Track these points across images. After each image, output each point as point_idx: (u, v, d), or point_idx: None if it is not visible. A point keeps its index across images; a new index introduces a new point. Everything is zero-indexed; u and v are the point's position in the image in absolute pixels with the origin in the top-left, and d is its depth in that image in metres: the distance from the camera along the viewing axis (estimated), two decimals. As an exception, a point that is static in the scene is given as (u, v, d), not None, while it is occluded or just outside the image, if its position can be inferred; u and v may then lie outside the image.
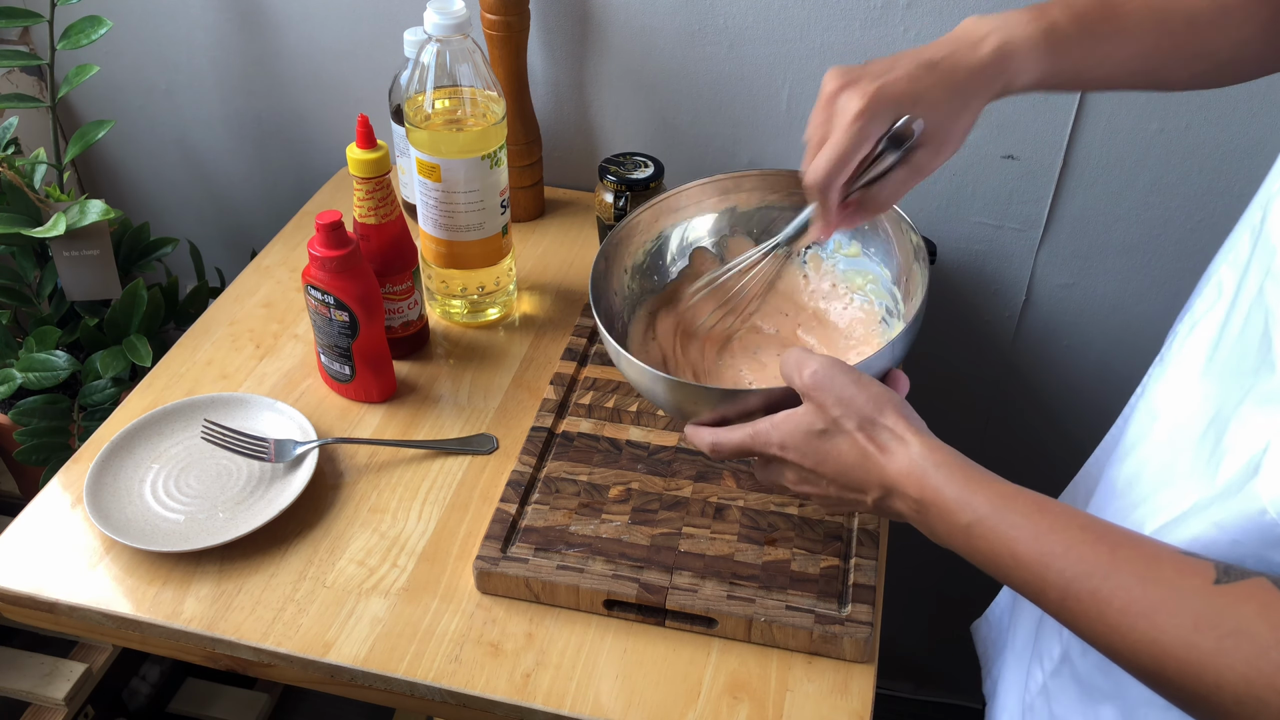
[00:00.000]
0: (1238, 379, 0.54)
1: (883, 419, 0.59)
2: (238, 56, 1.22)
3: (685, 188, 0.82)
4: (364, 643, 0.72)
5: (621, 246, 0.81)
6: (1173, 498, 0.56)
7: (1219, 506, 0.51)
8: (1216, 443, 0.53)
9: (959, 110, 0.63)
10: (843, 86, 0.63)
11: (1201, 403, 0.57)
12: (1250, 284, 0.56)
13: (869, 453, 0.58)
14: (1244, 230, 0.60)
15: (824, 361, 0.60)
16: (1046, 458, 1.28)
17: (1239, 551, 0.49)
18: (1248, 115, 0.99)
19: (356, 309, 0.84)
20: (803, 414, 0.61)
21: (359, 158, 0.85)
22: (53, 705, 1.19)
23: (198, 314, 1.03)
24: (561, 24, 1.09)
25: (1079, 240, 1.10)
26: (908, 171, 0.65)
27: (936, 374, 1.23)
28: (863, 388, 0.60)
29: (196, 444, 0.85)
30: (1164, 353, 0.67)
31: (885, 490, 0.58)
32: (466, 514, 0.81)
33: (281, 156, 1.29)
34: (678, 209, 0.83)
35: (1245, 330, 0.55)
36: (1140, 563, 0.48)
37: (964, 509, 0.54)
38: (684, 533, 0.77)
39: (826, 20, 1.02)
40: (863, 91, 0.61)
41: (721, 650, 0.72)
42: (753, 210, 0.83)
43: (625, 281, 0.82)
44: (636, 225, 0.82)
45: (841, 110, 0.62)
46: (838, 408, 0.59)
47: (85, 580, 0.77)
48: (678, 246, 0.84)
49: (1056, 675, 0.67)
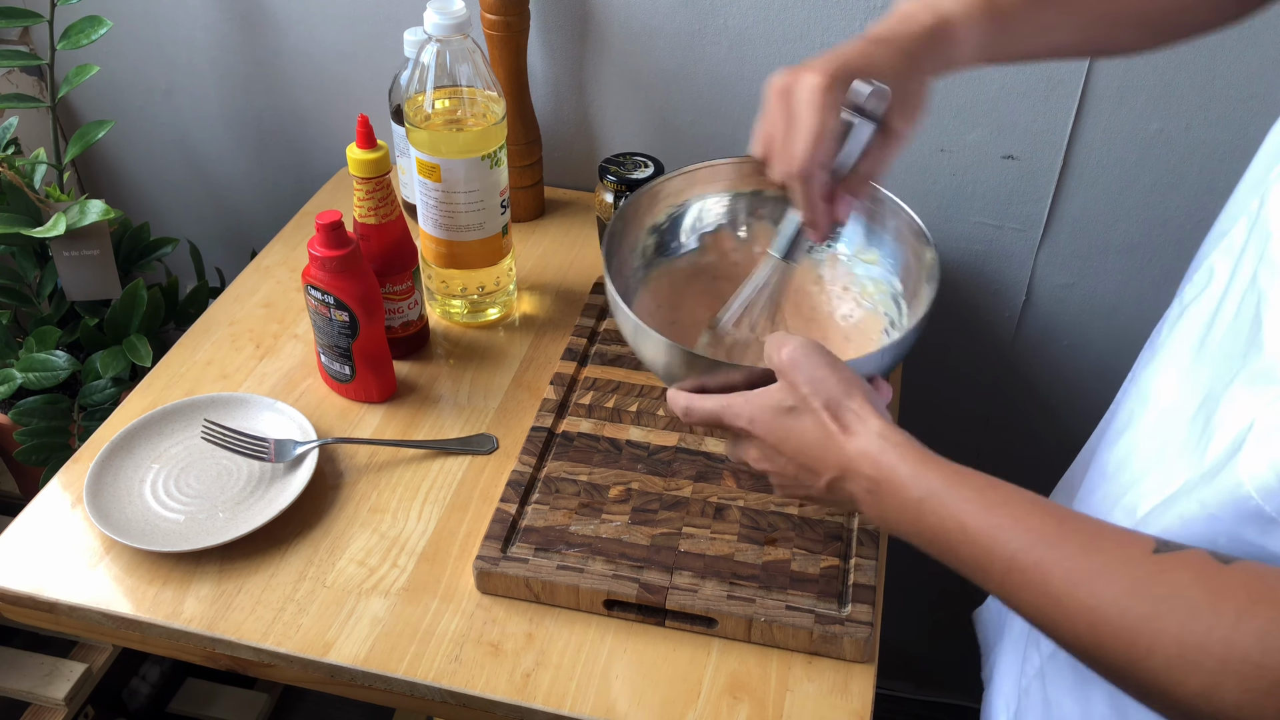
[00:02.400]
0: (1228, 362, 0.54)
1: (849, 402, 0.59)
2: (238, 56, 1.22)
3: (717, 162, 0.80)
4: (364, 643, 0.72)
5: (644, 208, 0.80)
6: (1162, 479, 0.56)
7: (1205, 485, 0.51)
8: (1206, 424, 0.54)
9: (911, 75, 0.63)
10: (792, 76, 0.62)
11: (1192, 386, 0.57)
12: (1244, 270, 0.56)
13: (831, 431, 0.59)
14: (1237, 216, 0.60)
15: (802, 342, 0.61)
16: (1046, 457, 1.28)
17: (1215, 528, 0.49)
18: (1247, 115, 0.99)
19: (356, 309, 0.84)
20: (774, 390, 0.61)
21: (359, 158, 0.85)
22: (53, 705, 1.19)
23: (198, 314, 1.03)
24: (561, 24, 1.09)
25: (1079, 240, 1.10)
26: (883, 141, 0.64)
27: (936, 373, 1.23)
28: (835, 370, 0.60)
29: (196, 444, 0.85)
30: (1154, 338, 0.67)
31: (841, 470, 0.59)
32: (466, 514, 0.81)
33: (281, 156, 1.29)
34: (707, 181, 0.81)
35: (1238, 315, 0.55)
36: (1084, 535, 0.49)
37: (917, 484, 0.55)
38: (684, 533, 0.77)
39: (826, 20, 1.02)
40: (817, 69, 0.61)
41: (721, 650, 0.72)
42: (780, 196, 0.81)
43: (642, 239, 0.80)
44: (665, 189, 0.80)
45: (800, 90, 0.61)
46: (808, 386, 0.59)
47: (85, 580, 0.77)
48: (695, 219, 0.82)
49: (1054, 658, 0.68)
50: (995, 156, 1.07)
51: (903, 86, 0.63)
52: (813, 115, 0.61)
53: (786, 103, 0.62)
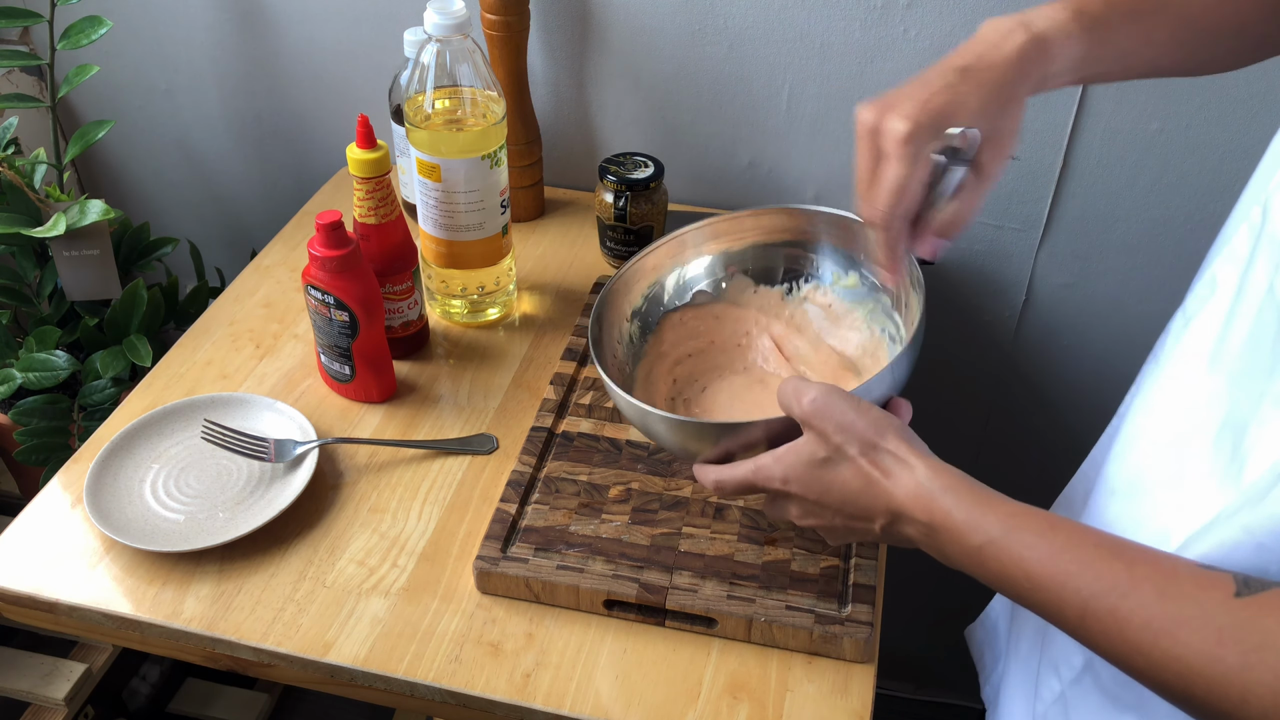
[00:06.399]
0: (1251, 379, 0.53)
1: (885, 443, 0.57)
2: (238, 56, 1.22)
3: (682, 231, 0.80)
4: (364, 643, 0.72)
5: (620, 294, 0.79)
6: (1188, 502, 0.55)
7: (1247, 512, 0.50)
8: (1236, 446, 0.52)
9: (1003, 107, 0.61)
10: (881, 115, 0.61)
11: (1209, 402, 0.56)
12: (1256, 280, 0.55)
13: (873, 478, 0.57)
14: (1239, 225, 0.59)
15: (822, 388, 0.59)
16: (1047, 457, 1.28)
17: (1265, 556, 0.49)
18: (1248, 115, 0.99)
19: (356, 309, 0.84)
20: (804, 444, 0.60)
21: (359, 158, 0.85)
22: (53, 705, 1.20)
23: (198, 314, 1.03)
24: (561, 24, 1.09)
25: (1079, 240, 1.10)
26: (975, 180, 0.63)
27: (937, 374, 1.23)
28: (862, 413, 0.58)
29: (196, 444, 0.85)
30: (1158, 351, 0.66)
31: (893, 516, 0.57)
32: (466, 514, 0.81)
33: (281, 156, 1.29)
34: (677, 253, 0.81)
35: (1256, 329, 0.54)
36: (1158, 578, 0.48)
37: (975, 531, 0.53)
38: (684, 533, 0.77)
39: (827, 20, 1.02)
40: (904, 113, 0.59)
41: (721, 650, 0.72)
42: (747, 249, 0.81)
43: (626, 329, 0.80)
44: (639, 270, 0.80)
45: (888, 137, 0.60)
46: (839, 434, 0.58)
47: (85, 580, 0.77)
48: (674, 288, 0.82)
49: (1077, 684, 0.66)
50: (995, 156, 1.07)
51: (992, 123, 0.61)
52: (898, 166, 0.60)
53: (873, 144, 0.61)
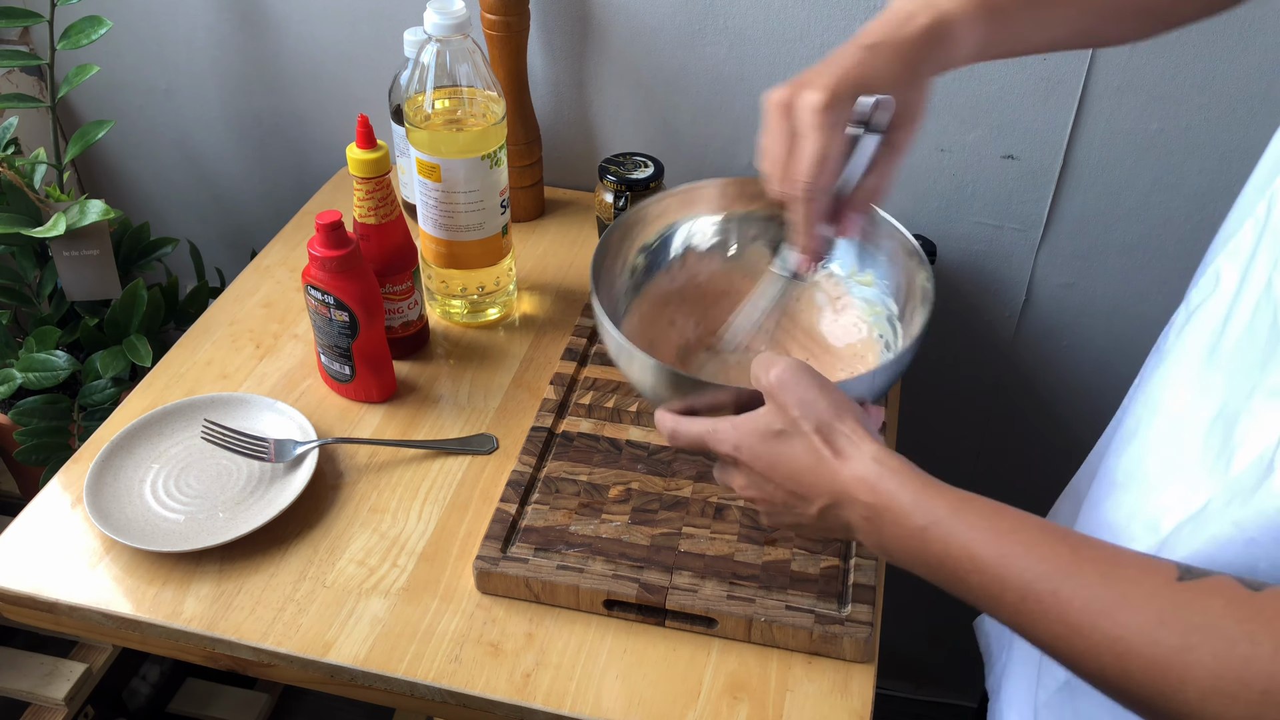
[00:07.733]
0: (1245, 372, 0.53)
1: (841, 425, 0.57)
2: (238, 56, 1.22)
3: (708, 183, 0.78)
4: (364, 643, 0.72)
5: (636, 227, 0.78)
6: (1180, 493, 0.55)
7: (1237, 505, 0.50)
8: (1226, 437, 0.53)
9: (912, 82, 0.61)
10: (792, 92, 0.60)
11: (1205, 395, 0.56)
12: (1256, 275, 0.55)
13: (823, 456, 0.57)
14: (1243, 220, 0.59)
15: (792, 363, 0.59)
16: (1047, 457, 1.28)
17: (1255, 551, 0.48)
18: (1247, 115, 0.99)
19: (356, 309, 0.84)
20: (763, 414, 0.59)
21: (359, 158, 0.85)
22: (53, 705, 1.19)
23: (198, 314, 1.03)
24: (561, 24, 1.09)
25: (1079, 240, 1.10)
26: (887, 154, 0.63)
27: (937, 373, 1.23)
28: (825, 393, 0.58)
29: (196, 444, 0.85)
30: (1161, 344, 0.66)
31: (834, 497, 0.56)
32: (466, 514, 0.81)
33: (281, 156, 1.29)
34: (697, 202, 0.80)
35: (1253, 322, 0.54)
36: (1102, 562, 0.47)
37: (919, 511, 0.53)
38: (684, 533, 0.77)
39: (827, 20, 1.02)
40: (819, 85, 0.59)
41: (721, 650, 0.72)
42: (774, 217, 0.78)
43: (632, 259, 0.79)
44: (659, 209, 0.79)
45: (804, 109, 0.59)
46: (798, 409, 0.57)
47: (85, 580, 0.77)
48: (686, 239, 0.80)
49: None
50: (995, 156, 1.07)
51: (903, 95, 0.61)
52: (816, 136, 0.59)
53: (787, 120, 0.60)
